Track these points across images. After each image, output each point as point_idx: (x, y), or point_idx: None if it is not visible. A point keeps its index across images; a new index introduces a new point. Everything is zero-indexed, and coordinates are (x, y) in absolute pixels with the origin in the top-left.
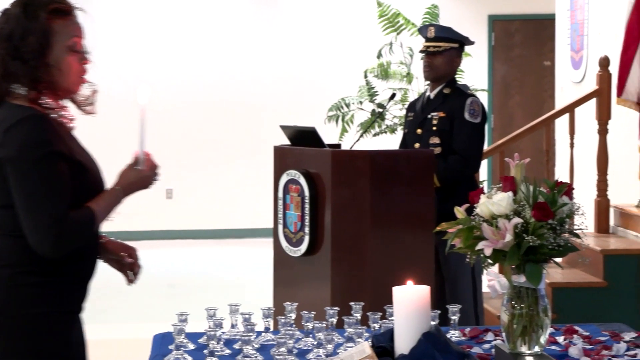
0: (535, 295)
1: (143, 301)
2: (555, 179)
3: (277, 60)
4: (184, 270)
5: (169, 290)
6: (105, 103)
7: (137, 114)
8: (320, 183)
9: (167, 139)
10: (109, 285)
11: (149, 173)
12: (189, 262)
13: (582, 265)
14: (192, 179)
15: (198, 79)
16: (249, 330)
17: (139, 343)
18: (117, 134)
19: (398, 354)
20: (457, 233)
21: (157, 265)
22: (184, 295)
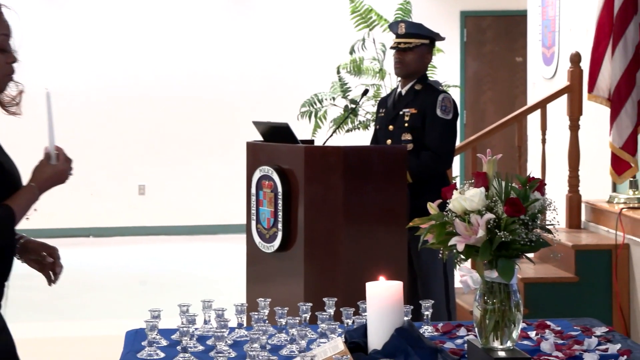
0: (508, 291)
1: (115, 297)
2: (527, 174)
3: (250, 56)
4: (157, 266)
5: (142, 286)
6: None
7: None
8: (293, 179)
9: (139, 135)
10: (80, 282)
11: (63, 167)
12: (161, 258)
13: (553, 261)
14: (164, 175)
15: (170, 75)
16: (222, 327)
17: (111, 340)
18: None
19: (371, 350)
20: (429, 229)
21: (129, 261)
22: (157, 292)
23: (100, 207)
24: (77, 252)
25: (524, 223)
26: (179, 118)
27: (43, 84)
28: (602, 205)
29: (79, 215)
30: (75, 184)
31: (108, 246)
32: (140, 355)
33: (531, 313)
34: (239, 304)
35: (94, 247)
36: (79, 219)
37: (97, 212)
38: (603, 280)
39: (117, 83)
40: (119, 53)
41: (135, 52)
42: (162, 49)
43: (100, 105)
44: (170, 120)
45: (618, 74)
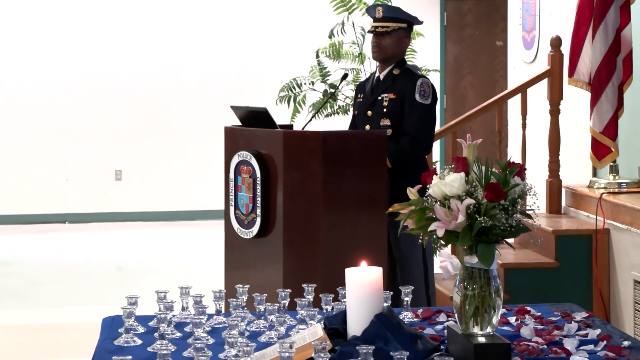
0: (488, 276)
1: (91, 284)
2: (508, 159)
3: (228, 39)
4: (134, 252)
5: (119, 273)
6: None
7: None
8: (272, 164)
9: (116, 120)
10: (56, 269)
11: None
12: (138, 244)
13: (534, 246)
14: (141, 160)
15: (148, 59)
16: (200, 313)
17: (88, 327)
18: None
19: (350, 336)
20: (409, 214)
21: (106, 248)
22: (134, 278)
23: (76, 193)
24: (53, 238)
25: (504, 208)
26: (156, 102)
27: (18, 69)
28: (583, 190)
29: (54, 200)
30: (51, 168)
31: (84, 232)
32: (117, 342)
33: (511, 299)
34: (217, 291)
35: (70, 233)
36: (55, 205)
37: (72, 198)
38: (583, 266)
39: (94, 67)
40: (95, 38)
41: (111, 37)
42: (138, 33)
43: (77, 89)
44: (147, 104)
45: (598, 58)
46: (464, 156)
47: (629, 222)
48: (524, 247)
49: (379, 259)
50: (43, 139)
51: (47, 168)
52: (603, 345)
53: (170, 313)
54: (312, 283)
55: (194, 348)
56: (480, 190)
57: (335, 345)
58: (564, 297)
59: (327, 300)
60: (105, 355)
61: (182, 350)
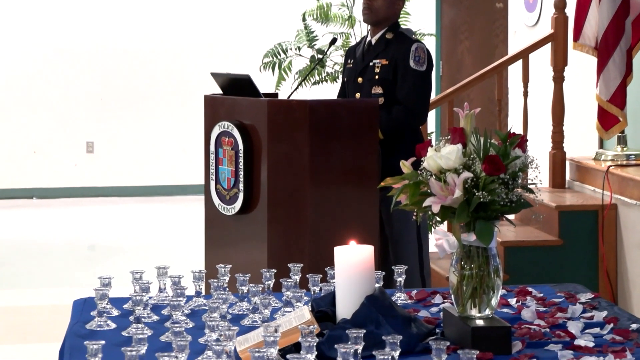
0: (486, 255)
1: (62, 264)
2: (508, 130)
3: (208, 1)
4: (107, 230)
5: (90, 252)
6: None
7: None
8: (256, 135)
9: (88, 88)
10: (23, 248)
11: None
12: (112, 221)
13: (536, 223)
14: (115, 131)
15: (120, 23)
16: (179, 295)
17: (58, 309)
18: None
19: (340, 319)
20: (402, 189)
21: (77, 225)
22: (107, 258)
23: (45, 166)
24: (20, 214)
25: (503, 182)
26: (130, 69)
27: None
28: (588, 163)
29: (21, 174)
30: (18, 140)
31: (53, 208)
32: (89, 326)
33: (511, 279)
34: (196, 271)
35: (38, 210)
36: (22, 179)
37: (41, 172)
38: (588, 244)
39: (64, 32)
40: (63, 1)
41: (81, 0)
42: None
43: (44, 56)
44: (121, 71)
45: (606, 21)
46: (461, 127)
47: (637, 196)
48: (525, 224)
49: (370, 237)
50: (8, 108)
51: (13, 140)
52: (610, 328)
53: (146, 295)
54: (299, 263)
55: (172, 332)
56: (479, 163)
57: (323, 329)
58: (568, 277)
59: (314, 281)
60: (76, 340)
61: (159, 335)
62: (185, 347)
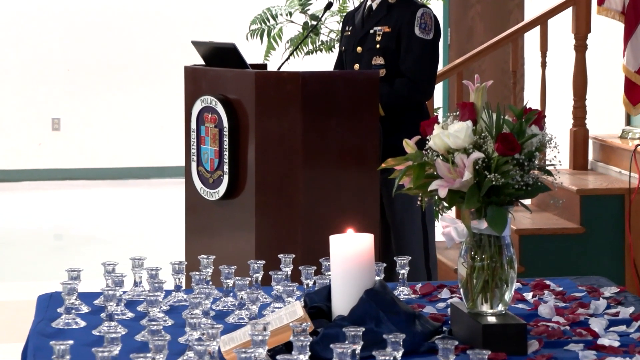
0: (499, 245)
1: (25, 255)
2: (523, 105)
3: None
4: (75, 217)
5: (57, 242)
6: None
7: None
8: (242, 111)
9: (53, 58)
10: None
11: None
12: (81, 207)
13: (554, 208)
14: (84, 107)
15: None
16: (156, 289)
17: (20, 306)
18: None
19: (336, 316)
20: (405, 171)
21: (41, 211)
22: (75, 248)
23: (5, 146)
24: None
25: (518, 163)
26: (101, 36)
27: None
28: (614, 142)
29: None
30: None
31: (15, 193)
32: (56, 324)
33: (527, 271)
34: (176, 262)
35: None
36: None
37: (1, 152)
38: (613, 231)
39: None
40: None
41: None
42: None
43: (5, 23)
44: (91, 38)
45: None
46: (471, 101)
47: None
48: (542, 210)
49: (370, 225)
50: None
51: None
52: (637, 326)
53: (120, 289)
54: (290, 253)
55: (149, 331)
56: (491, 142)
57: (317, 327)
58: (591, 269)
59: (307, 274)
60: (41, 340)
61: (134, 334)
62: (164, 348)
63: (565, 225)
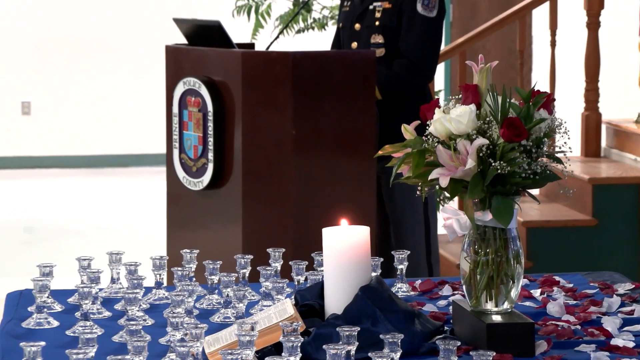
0: (505, 238)
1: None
2: (531, 87)
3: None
4: (47, 209)
5: (27, 235)
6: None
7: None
8: (228, 95)
9: (18, 35)
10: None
11: None
12: (53, 198)
13: (565, 199)
14: (56, 89)
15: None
16: (135, 286)
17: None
18: None
19: (329, 314)
20: (404, 158)
21: (10, 202)
22: (47, 242)
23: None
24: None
25: (525, 150)
26: (74, 11)
27: None
28: (628, 127)
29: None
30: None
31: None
32: (27, 324)
33: (535, 266)
34: (157, 257)
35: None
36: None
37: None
38: (628, 223)
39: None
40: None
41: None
42: None
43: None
44: (63, 15)
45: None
46: (474, 84)
47: None
48: (551, 201)
49: (366, 216)
50: None
51: None
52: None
53: (95, 286)
54: (280, 247)
55: (128, 331)
56: (496, 128)
57: (309, 327)
58: (604, 264)
59: (299, 269)
60: (10, 341)
61: (111, 334)
62: (143, 349)
63: (576, 217)
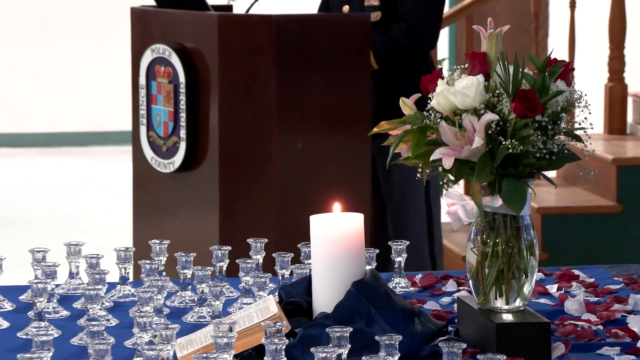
0: (517, 226)
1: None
2: (547, 55)
3: None
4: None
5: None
6: None
7: None
8: (202, 64)
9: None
10: None
11: None
12: (3, 181)
13: (585, 182)
14: (5, 58)
15: None
16: (97, 282)
17: None
18: None
19: (318, 313)
20: (403, 136)
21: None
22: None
23: None
24: None
25: (540, 127)
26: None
27: None
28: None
29: None
30: None
31: None
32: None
33: (551, 258)
34: (122, 249)
35: None
36: None
37: None
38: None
39: None
40: None
41: None
42: None
43: None
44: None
45: None
46: (482, 51)
47: None
48: (570, 184)
49: (360, 202)
50: None
51: None
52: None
53: (52, 282)
54: (262, 237)
55: (88, 333)
56: (507, 101)
57: (295, 327)
58: (629, 256)
59: (283, 262)
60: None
61: (70, 336)
62: (106, 353)
63: (598, 203)
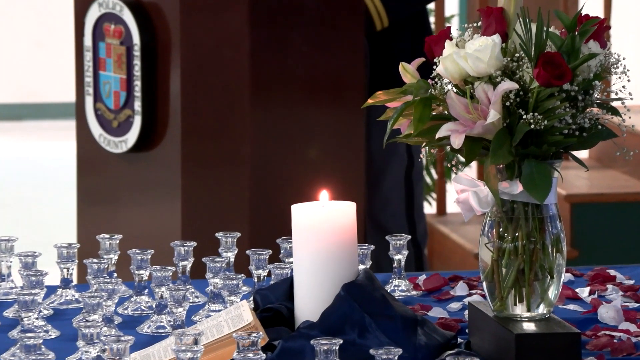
0: (540, 217)
1: None
2: (577, 10)
3: None
4: None
5: None
6: None
7: None
8: (161, 21)
9: None
10: None
11: None
12: None
13: (623, 164)
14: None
15: None
16: (33, 285)
17: None
18: None
19: (301, 322)
20: (403, 109)
21: None
22: None
23: None
24: None
25: (569, 97)
26: None
27: None
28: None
29: None
30: None
31: None
32: None
33: (582, 256)
34: (63, 245)
35: None
36: None
37: None
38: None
39: None
40: None
41: None
42: None
43: None
44: None
45: None
46: (499, 6)
47: None
48: (605, 167)
49: (352, 187)
50: None
51: None
52: None
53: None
54: (234, 230)
55: (23, 347)
56: (529, 67)
57: (273, 339)
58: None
59: (259, 261)
60: None
61: (1, 351)
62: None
63: (637, 189)
